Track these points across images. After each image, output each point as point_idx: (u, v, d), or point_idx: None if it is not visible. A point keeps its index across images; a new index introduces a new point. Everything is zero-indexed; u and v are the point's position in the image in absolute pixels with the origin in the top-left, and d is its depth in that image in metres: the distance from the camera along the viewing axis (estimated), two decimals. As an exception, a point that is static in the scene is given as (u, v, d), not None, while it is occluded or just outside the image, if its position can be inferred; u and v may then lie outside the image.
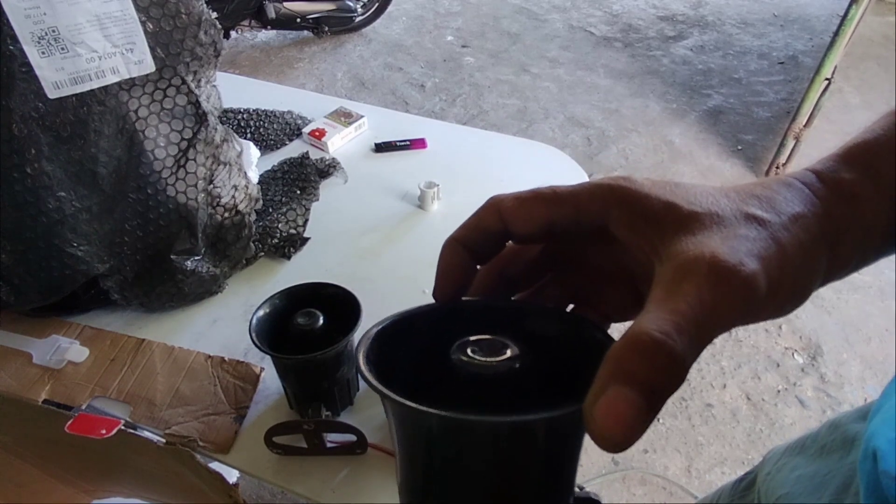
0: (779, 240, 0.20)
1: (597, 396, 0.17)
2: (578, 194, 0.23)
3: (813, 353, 1.56)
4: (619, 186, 0.22)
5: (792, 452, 0.44)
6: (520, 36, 3.04)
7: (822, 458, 0.40)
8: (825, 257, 0.22)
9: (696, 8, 3.31)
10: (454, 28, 3.10)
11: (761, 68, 2.77)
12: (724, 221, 0.20)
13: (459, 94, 2.58)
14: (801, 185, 0.23)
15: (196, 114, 0.59)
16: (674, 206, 0.21)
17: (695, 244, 0.20)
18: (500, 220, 0.24)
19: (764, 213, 0.21)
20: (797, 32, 3.07)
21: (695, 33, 3.05)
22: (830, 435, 0.41)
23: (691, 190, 0.22)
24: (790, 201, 0.22)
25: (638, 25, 3.13)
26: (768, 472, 0.45)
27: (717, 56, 2.86)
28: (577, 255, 0.28)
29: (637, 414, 0.16)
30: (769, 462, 0.47)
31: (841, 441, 0.39)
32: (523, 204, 0.24)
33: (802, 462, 0.42)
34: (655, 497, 1.27)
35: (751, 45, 2.95)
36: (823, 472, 0.39)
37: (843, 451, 0.38)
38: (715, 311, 0.18)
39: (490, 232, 0.25)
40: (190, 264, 0.64)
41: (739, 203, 0.21)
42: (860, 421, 0.39)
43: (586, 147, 2.29)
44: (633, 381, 0.17)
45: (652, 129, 2.38)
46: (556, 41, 2.99)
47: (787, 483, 0.42)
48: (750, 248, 0.19)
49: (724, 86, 2.64)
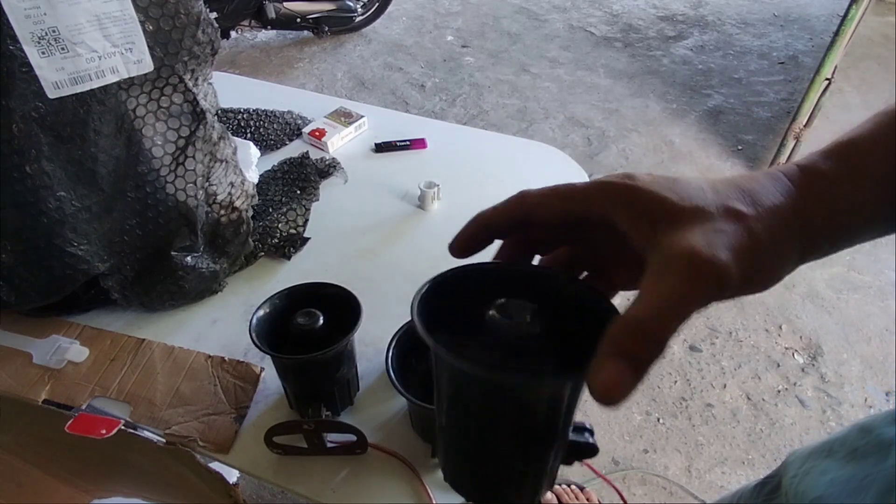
0: (753, 231, 0.24)
1: (598, 366, 0.22)
2: (588, 191, 0.27)
3: (813, 353, 1.56)
4: (623, 185, 0.26)
5: (818, 456, 0.44)
6: (520, 36, 3.04)
7: (856, 462, 0.40)
8: (798, 241, 0.25)
9: (696, 8, 3.31)
10: (454, 28, 3.10)
11: (761, 68, 2.77)
12: (707, 216, 0.24)
13: (459, 94, 2.58)
14: (784, 176, 0.26)
15: (194, 112, 0.59)
16: (666, 202, 0.25)
17: (679, 238, 0.23)
18: (523, 210, 0.29)
19: (743, 206, 0.25)
20: (797, 32, 3.07)
21: (695, 33, 3.05)
22: (862, 439, 0.41)
23: (685, 185, 0.25)
24: (771, 193, 0.25)
25: (638, 25, 3.13)
26: (794, 475, 0.45)
27: (718, 56, 2.86)
28: (589, 238, 0.31)
29: (626, 380, 0.21)
30: (793, 465, 0.47)
31: (875, 445, 0.40)
32: (544, 198, 0.28)
33: (833, 466, 0.42)
34: (655, 497, 1.27)
35: (751, 45, 2.95)
36: (860, 475, 0.39)
37: (880, 454, 0.39)
38: (691, 297, 0.22)
39: (513, 218, 0.29)
40: (190, 260, 0.64)
41: (724, 197, 0.25)
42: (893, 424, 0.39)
43: (586, 147, 2.29)
44: (623, 355, 0.22)
45: (652, 129, 2.38)
46: (556, 41, 2.99)
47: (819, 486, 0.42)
48: (725, 241, 0.23)
49: (725, 86, 2.64)
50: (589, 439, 0.32)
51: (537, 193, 0.28)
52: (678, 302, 0.22)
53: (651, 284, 0.23)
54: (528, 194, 0.28)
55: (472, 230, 0.30)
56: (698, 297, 0.22)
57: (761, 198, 0.25)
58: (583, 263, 0.33)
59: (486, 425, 0.28)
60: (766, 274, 0.24)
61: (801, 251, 0.25)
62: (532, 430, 0.28)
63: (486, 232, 0.30)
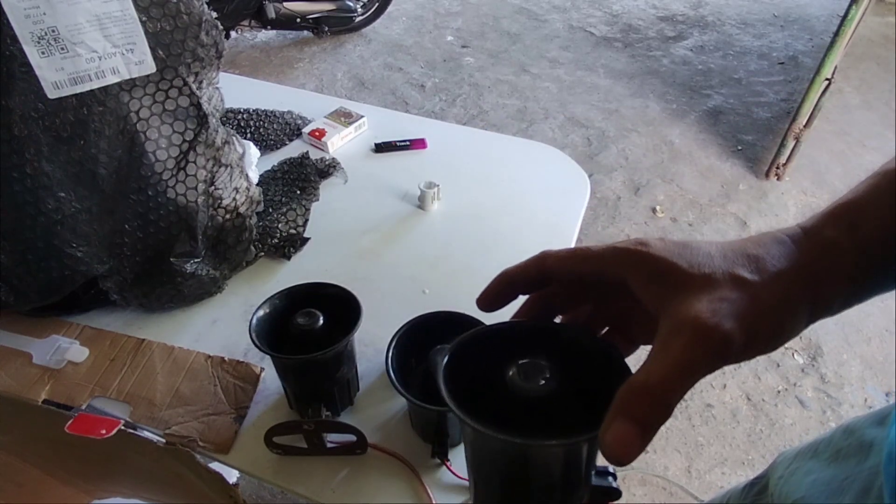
0: (758, 298, 0.25)
1: (607, 427, 0.23)
2: (604, 256, 0.29)
3: (813, 353, 1.56)
4: (636, 251, 0.28)
5: (804, 457, 0.45)
6: (520, 36, 3.04)
7: (838, 463, 0.41)
8: (807, 305, 0.26)
9: (696, 8, 3.31)
10: (454, 28, 3.10)
11: (761, 68, 2.77)
12: (714, 284, 0.26)
13: (459, 94, 2.58)
14: (790, 240, 0.28)
15: (197, 115, 0.59)
16: (676, 269, 0.26)
17: (686, 306, 0.25)
18: (544, 269, 0.31)
19: (749, 274, 0.26)
20: (797, 32, 3.07)
21: (695, 33, 3.05)
22: (846, 440, 0.41)
23: (695, 251, 0.27)
24: (776, 259, 0.27)
25: (638, 25, 3.13)
26: (780, 476, 0.45)
27: (717, 56, 2.86)
28: (607, 298, 0.33)
29: (634, 441, 0.23)
30: (780, 466, 0.47)
31: (857, 446, 0.40)
32: (562, 259, 0.30)
33: (817, 466, 0.42)
34: (655, 497, 1.27)
35: (751, 46, 2.95)
36: (841, 476, 0.39)
37: (861, 455, 0.39)
38: (696, 363, 0.23)
39: (535, 276, 0.31)
40: (189, 267, 0.64)
41: (731, 264, 0.26)
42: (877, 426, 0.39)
43: (586, 147, 2.29)
44: (631, 417, 0.23)
45: (652, 129, 2.38)
46: (556, 41, 2.99)
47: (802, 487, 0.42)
48: (730, 309, 0.24)
49: (724, 86, 2.64)
50: (612, 483, 0.34)
51: (556, 255, 0.30)
52: (684, 367, 0.23)
53: (659, 350, 0.25)
54: (548, 255, 0.31)
55: (497, 287, 0.32)
56: (703, 362, 0.23)
57: (766, 264, 0.26)
58: (602, 320, 0.34)
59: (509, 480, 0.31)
60: (770, 336, 0.26)
61: (810, 312, 0.26)
62: (552, 483, 0.30)
63: (509, 288, 0.32)
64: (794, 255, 0.27)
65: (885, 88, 2.59)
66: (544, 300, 0.34)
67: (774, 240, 0.28)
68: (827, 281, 0.26)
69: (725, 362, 0.24)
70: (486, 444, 0.31)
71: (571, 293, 0.33)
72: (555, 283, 0.31)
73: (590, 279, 0.30)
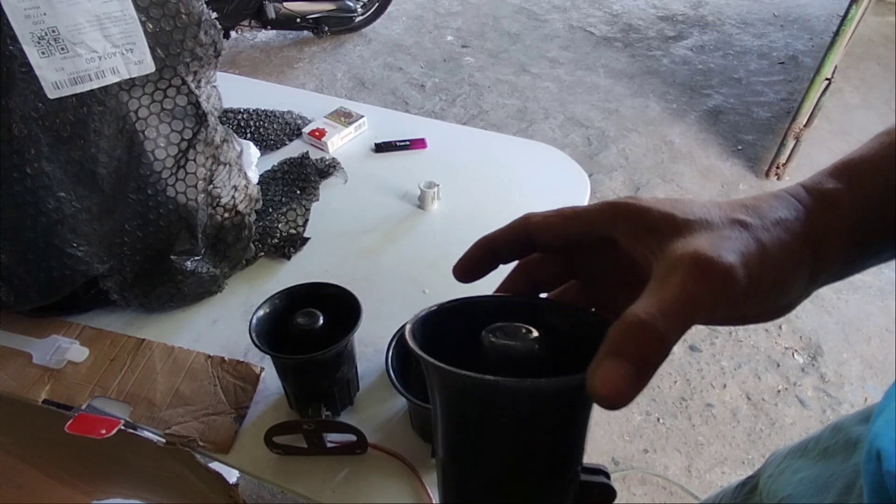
0: (760, 239, 0.23)
1: (597, 366, 0.21)
2: (593, 211, 0.27)
3: (813, 353, 1.56)
4: (625, 203, 0.26)
5: (794, 455, 0.45)
6: (520, 36, 3.04)
7: (825, 461, 0.40)
8: (808, 257, 0.24)
9: (696, 8, 3.31)
10: (454, 28, 3.10)
11: (761, 68, 2.77)
12: (712, 225, 0.24)
13: (459, 94, 2.58)
14: (788, 195, 0.26)
15: (196, 114, 0.59)
16: (670, 216, 0.25)
17: (684, 244, 0.23)
18: (526, 231, 0.28)
19: (748, 217, 0.24)
20: (797, 32, 3.07)
21: (695, 33, 3.05)
22: (833, 438, 0.41)
23: (688, 203, 0.25)
24: (775, 208, 0.25)
25: (638, 25, 3.13)
26: (770, 475, 0.45)
27: (717, 56, 2.86)
28: (595, 266, 0.31)
29: (627, 380, 0.20)
30: (771, 465, 0.47)
31: (843, 444, 0.40)
32: (547, 218, 0.28)
33: (805, 465, 0.42)
34: (655, 497, 1.27)
35: (751, 45, 2.95)
36: (826, 474, 0.39)
37: (846, 453, 0.39)
38: (696, 297, 0.21)
39: (517, 239, 0.29)
40: (190, 265, 0.64)
41: (728, 211, 0.25)
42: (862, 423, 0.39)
43: (586, 147, 2.29)
44: (623, 354, 0.20)
45: (652, 129, 2.38)
46: (556, 41, 2.99)
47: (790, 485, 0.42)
48: (731, 245, 0.23)
49: (724, 86, 2.64)
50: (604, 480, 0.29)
51: (541, 214, 0.28)
52: (684, 302, 0.21)
53: (653, 286, 0.22)
54: (531, 215, 0.28)
55: (475, 253, 0.29)
56: (704, 296, 0.21)
57: (765, 211, 0.25)
58: (589, 298, 0.32)
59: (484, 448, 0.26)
60: (772, 284, 0.24)
61: (811, 269, 0.25)
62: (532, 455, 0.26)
63: (489, 255, 0.29)
64: (793, 206, 0.25)
65: (885, 88, 2.58)
66: (528, 274, 0.31)
67: (773, 195, 0.26)
68: (827, 235, 0.25)
69: (727, 303, 0.22)
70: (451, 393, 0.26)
71: (556, 265, 0.31)
72: (539, 248, 0.29)
73: (577, 238, 0.27)
